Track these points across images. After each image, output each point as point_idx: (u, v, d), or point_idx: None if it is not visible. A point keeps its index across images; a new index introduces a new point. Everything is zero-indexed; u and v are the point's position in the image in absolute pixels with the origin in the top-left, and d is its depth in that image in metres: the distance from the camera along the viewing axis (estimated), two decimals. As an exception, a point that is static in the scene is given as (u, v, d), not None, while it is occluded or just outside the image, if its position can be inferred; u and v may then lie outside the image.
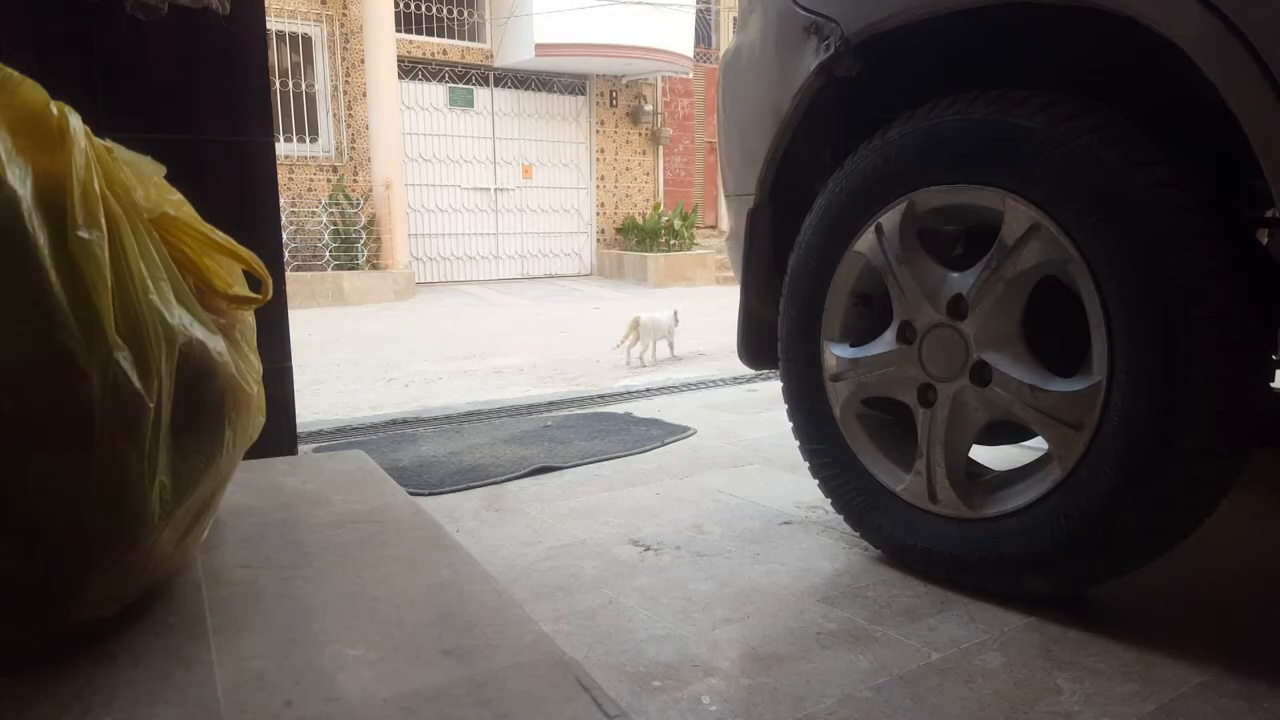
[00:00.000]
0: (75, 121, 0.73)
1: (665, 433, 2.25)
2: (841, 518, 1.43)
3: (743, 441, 2.16)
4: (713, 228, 12.42)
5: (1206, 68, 0.98)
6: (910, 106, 1.33)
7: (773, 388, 2.92)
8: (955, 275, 1.27)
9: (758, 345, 1.65)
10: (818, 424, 1.46)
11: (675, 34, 10.65)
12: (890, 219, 1.33)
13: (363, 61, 9.65)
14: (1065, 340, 1.22)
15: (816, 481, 1.48)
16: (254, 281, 0.95)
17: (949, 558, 1.26)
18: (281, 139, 9.31)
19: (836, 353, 1.42)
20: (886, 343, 1.35)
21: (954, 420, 1.26)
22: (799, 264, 1.48)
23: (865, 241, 1.37)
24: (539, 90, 11.16)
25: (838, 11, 1.39)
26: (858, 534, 1.42)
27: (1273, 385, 1.14)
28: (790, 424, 1.53)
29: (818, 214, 1.45)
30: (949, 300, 1.26)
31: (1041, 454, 1.22)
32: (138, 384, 0.70)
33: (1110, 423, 1.09)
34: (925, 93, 1.33)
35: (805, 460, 1.51)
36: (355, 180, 9.83)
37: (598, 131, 11.54)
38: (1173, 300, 1.06)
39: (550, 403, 2.76)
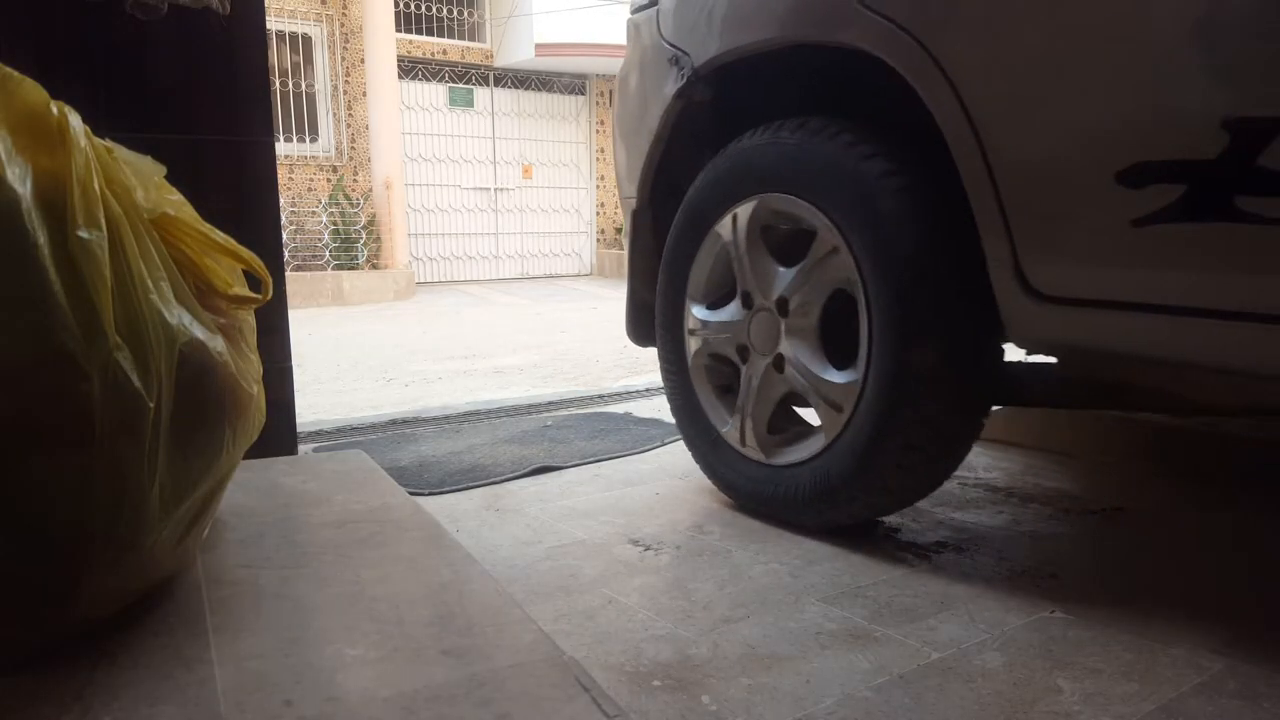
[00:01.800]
0: (75, 121, 0.73)
1: (665, 433, 2.25)
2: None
3: (743, 441, 2.16)
4: (713, 228, 12.41)
5: (925, 98, 1.22)
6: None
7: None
8: (783, 270, 1.51)
9: (642, 325, 1.92)
10: (678, 377, 1.74)
11: (675, 34, 10.64)
12: (728, 225, 1.59)
13: (363, 61, 9.65)
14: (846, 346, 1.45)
15: (678, 429, 1.77)
16: (254, 281, 0.95)
17: (757, 494, 1.55)
18: (281, 139, 9.32)
19: (695, 312, 1.68)
20: (732, 311, 1.60)
21: (762, 387, 1.53)
22: (662, 279, 1.77)
23: (726, 229, 1.61)
24: (539, 90, 11.16)
25: (689, 46, 1.62)
26: (706, 475, 1.70)
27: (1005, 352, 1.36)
28: (663, 383, 1.80)
29: (675, 225, 1.72)
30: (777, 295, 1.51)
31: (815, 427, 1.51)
32: (138, 384, 0.70)
33: (861, 412, 1.36)
34: (774, 114, 1.53)
35: (671, 411, 1.78)
36: (355, 180, 9.83)
37: (598, 131, 11.54)
38: (898, 269, 1.30)
39: (550, 403, 2.76)
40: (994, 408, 1.36)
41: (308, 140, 9.68)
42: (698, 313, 1.67)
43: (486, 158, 10.90)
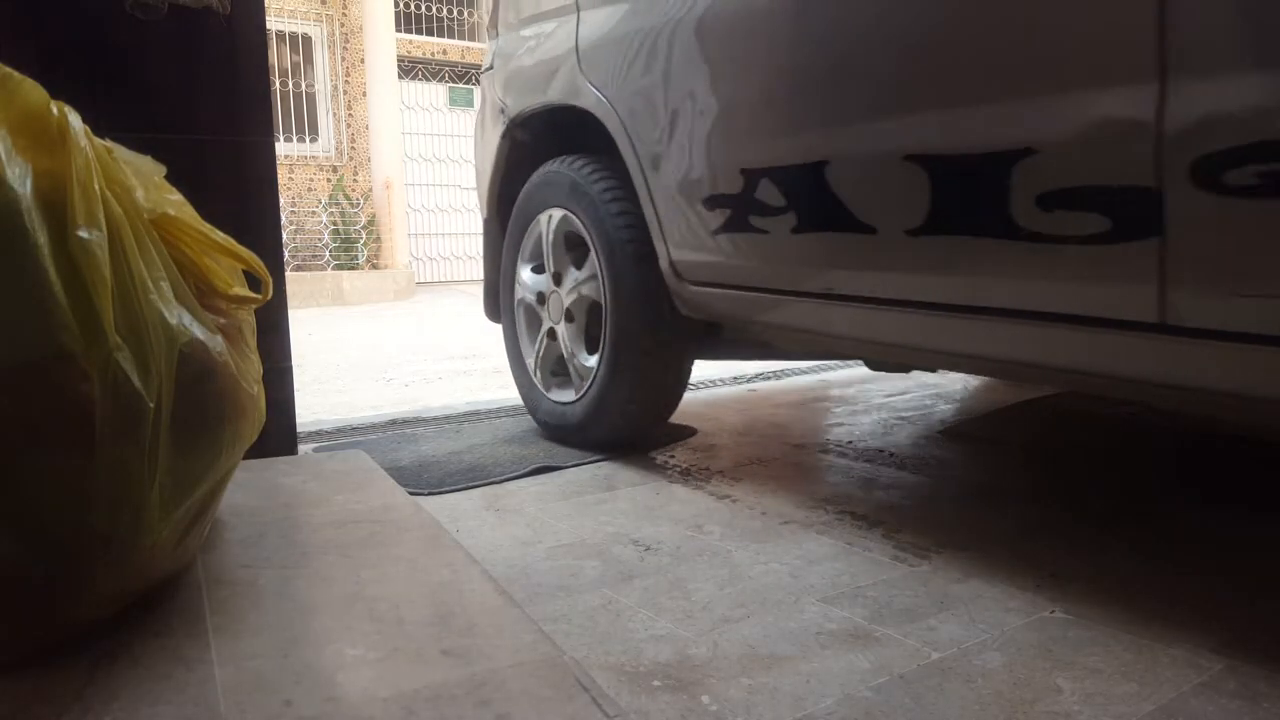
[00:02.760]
0: (75, 121, 0.73)
1: (665, 433, 2.25)
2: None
3: (743, 441, 2.16)
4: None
5: (620, 148, 1.82)
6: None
7: (772, 389, 2.91)
8: (576, 271, 2.06)
9: (492, 305, 2.49)
10: (512, 339, 2.33)
11: (675, 34, 10.63)
12: (538, 224, 2.17)
13: (363, 61, 9.64)
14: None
15: (513, 377, 2.36)
16: (254, 281, 0.95)
17: (549, 422, 2.16)
18: (281, 139, 9.31)
19: (523, 275, 2.27)
20: (544, 281, 2.19)
21: (546, 351, 2.17)
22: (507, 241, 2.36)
23: (537, 225, 2.20)
24: (539, 90, 11.14)
25: (507, 101, 2.24)
26: (525, 408, 2.32)
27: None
28: (504, 344, 2.39)
29: (512, 220, 2.31)
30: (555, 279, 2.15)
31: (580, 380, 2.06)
32: (138, 384, 0.70)
33: (600, 376, 1.95)
34: (570, 151, 2.09)
35: (509, 364, 2.37)
36: (355, 180, 9.83)
37: (598, 131, 11.52)
38: (614, 254, 1.88)
39: (550, 403, 2.75)
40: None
41: (308, 140, 9.68)
42: (525, 276, 2.26)
43: (486, 158, 10.88)
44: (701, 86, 1.58)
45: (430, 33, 10.40)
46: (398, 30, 9.67)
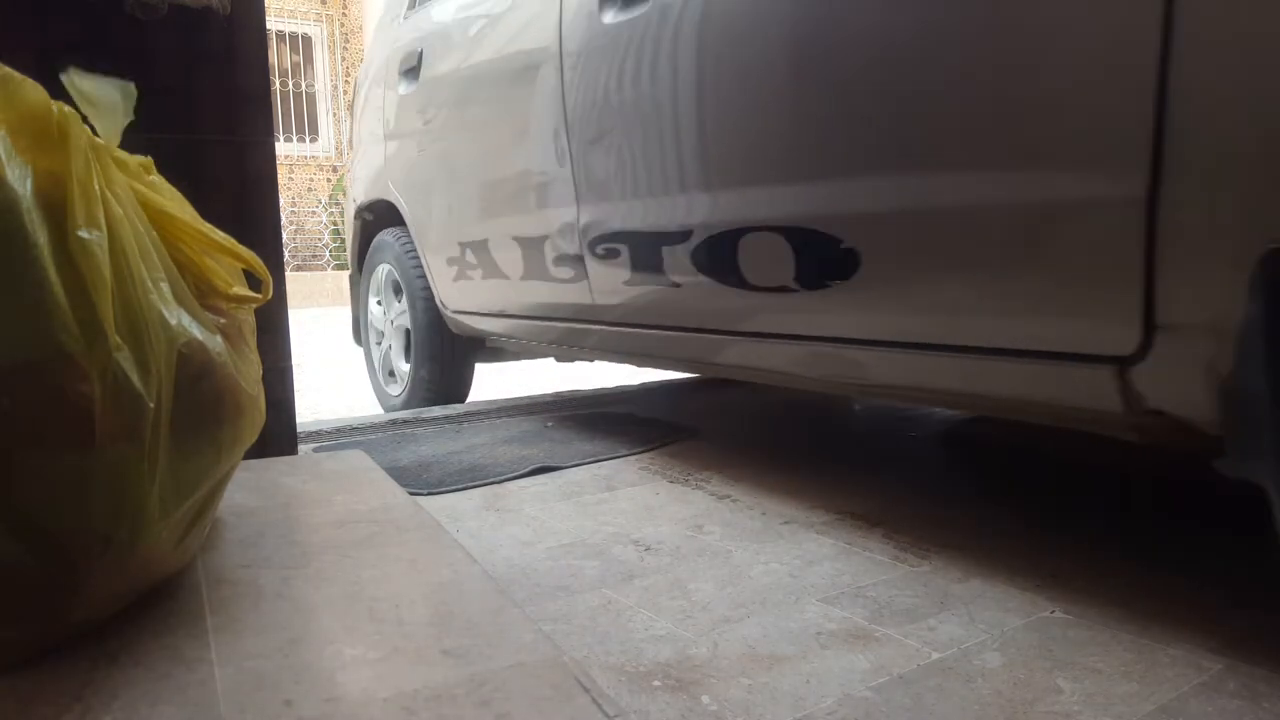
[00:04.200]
0: (75, 121, 0.73)
1: (665, 433, 2.25)
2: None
3: (744, 442, 2.16)
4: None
5: (408, 224, 2.85)
6: None
7: (772, 390, 2.91)
8: (399, 306, 3.03)
9: (356, 332, 3.40)
10: (368, 354, 3.30)
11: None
12: (376, 274, 3.19)
13: (363, 61, 9.64)
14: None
15: (371, 384, 3.33)
16: (254, 281, 0.95)
17: (386, 406, 3.11)
18: (281, 139, 9.31)
19: (372, 308, 3.24)
20: (382, 313, 3.21)
21: (384, 357, 3.17)
22: (362, 281, 3.40)
23: (375, 277, 3.26)
24: (539, 90, 11.13)
25: (357, 193, 3.22)
26: (378, 403, 3.26)
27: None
28: (364, 359, 3.37)
29: (363, 282, 3.36)
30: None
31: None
32: (138, 384, 0.70)
33: (410, 376, 2.93)
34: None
35: (366, 368, 3.33)
36: (355, 180, 9.81)
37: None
38: (413, 295, 2.86)
39: (550, 403, 2.76)
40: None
41: (308, 140, 9.67)
42: (373, 308, 3.23)
43: (486, 158, 10.88)
44: (435, 191, 2.58)
45: (430, 33, 10.39)
46: (398, 30, 9.66)
